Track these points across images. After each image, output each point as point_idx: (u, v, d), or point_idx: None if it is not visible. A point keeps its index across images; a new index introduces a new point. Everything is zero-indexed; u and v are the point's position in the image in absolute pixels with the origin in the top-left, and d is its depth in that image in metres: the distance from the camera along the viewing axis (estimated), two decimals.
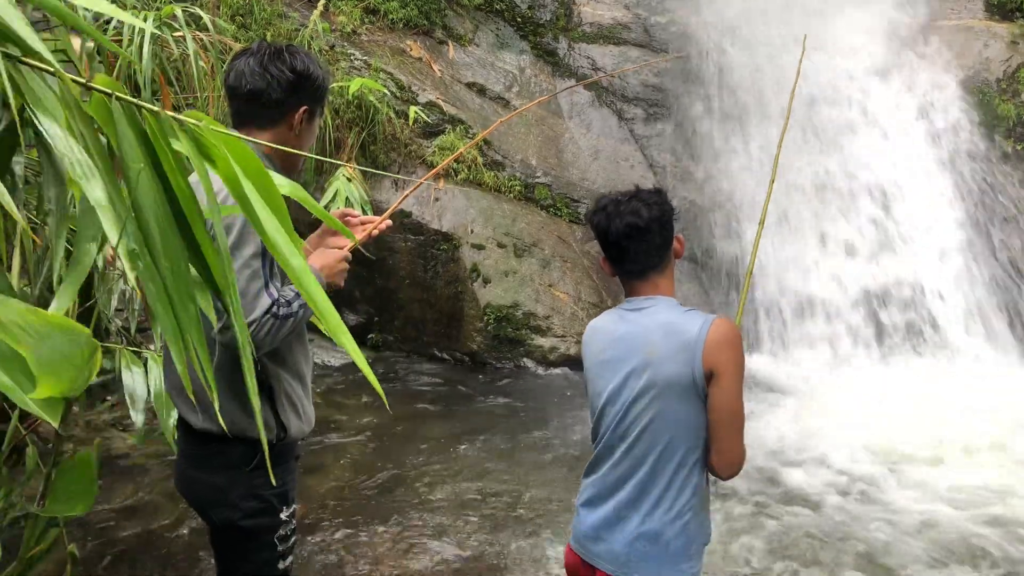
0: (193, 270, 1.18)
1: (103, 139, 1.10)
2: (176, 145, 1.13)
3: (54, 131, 1.06)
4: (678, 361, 2.13)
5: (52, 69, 1.05)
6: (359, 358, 1.23)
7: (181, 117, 1.11)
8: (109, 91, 1.07)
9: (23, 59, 1.06)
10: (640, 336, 2.20)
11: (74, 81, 1.08)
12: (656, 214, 2.23)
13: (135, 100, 1.07)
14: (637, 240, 2.22)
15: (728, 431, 2.15)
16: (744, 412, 2.17)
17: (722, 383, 2.11)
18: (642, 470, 2.19)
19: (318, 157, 1.82)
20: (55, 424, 1.10)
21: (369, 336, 7.49)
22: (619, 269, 2.29)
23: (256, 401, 1.21)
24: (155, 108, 1.08)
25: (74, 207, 1.23)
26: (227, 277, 1.18)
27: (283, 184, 1.29)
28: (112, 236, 1.06)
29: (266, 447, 1.35)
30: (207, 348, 1.23)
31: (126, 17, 1.16)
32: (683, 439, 2.16)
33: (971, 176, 8.41)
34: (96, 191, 1.04)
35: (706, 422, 2.16)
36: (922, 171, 8.36)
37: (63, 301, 1.07)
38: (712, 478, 2.28)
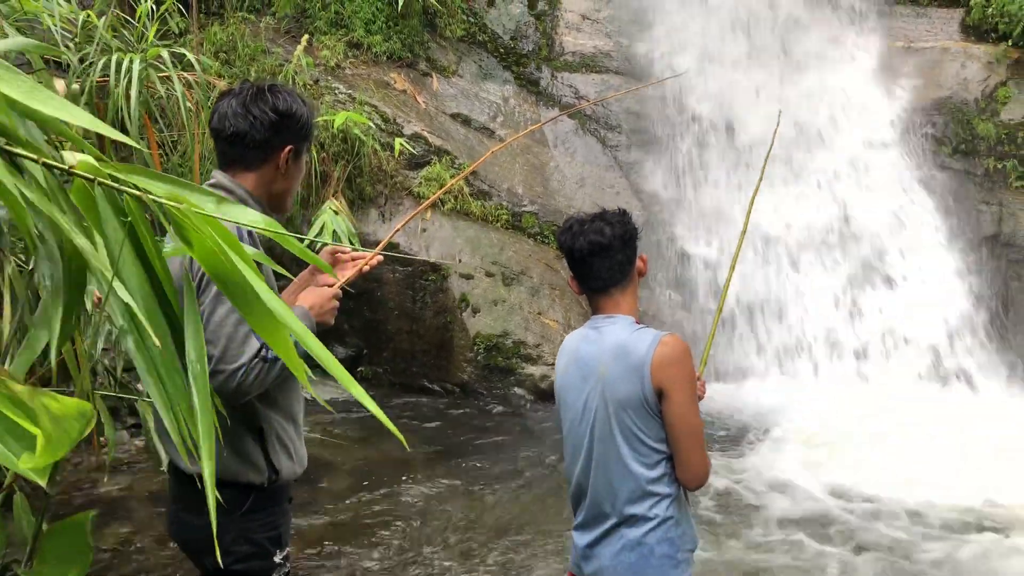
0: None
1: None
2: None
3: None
4: (629, 381, 2.23)
5: (36, 157, 1.06)
6: (365, 398, 1.23)
7: (162, 200, 1.11)
8: (91, 176, 1.07)
9: (7, 147, 1.06)
10: (595, 356, 2.31)
11: (56, 167, 1.09)
12: (619, 232, 2.34)
13: (116, 185, 1.07)
14: (600, 257, 2.32)
15: (687, 444, 2.24)
16: (700, 424, 2.26)
17: (673, 399, 2.21)
18: (615, 486, 2.27)
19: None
20: (43, 484, 1.09)
21: (359, 369, 7.45)
22: (584, 286, 2.39)
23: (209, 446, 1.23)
24: (136, 192, 1.08)
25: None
26: (200, 350, 1.20)
27: (259, 221, 1.28)
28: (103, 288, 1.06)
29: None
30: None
31: (107, 131, 1.17)
32: (647, 455, 2.25)
33: (952, 195, 8.49)
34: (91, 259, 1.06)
35: (666, 436, 2.25)
36: (902, 191, 8.43)
37: (18, 371, 1.09)
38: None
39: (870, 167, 8.54)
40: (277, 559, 2.27)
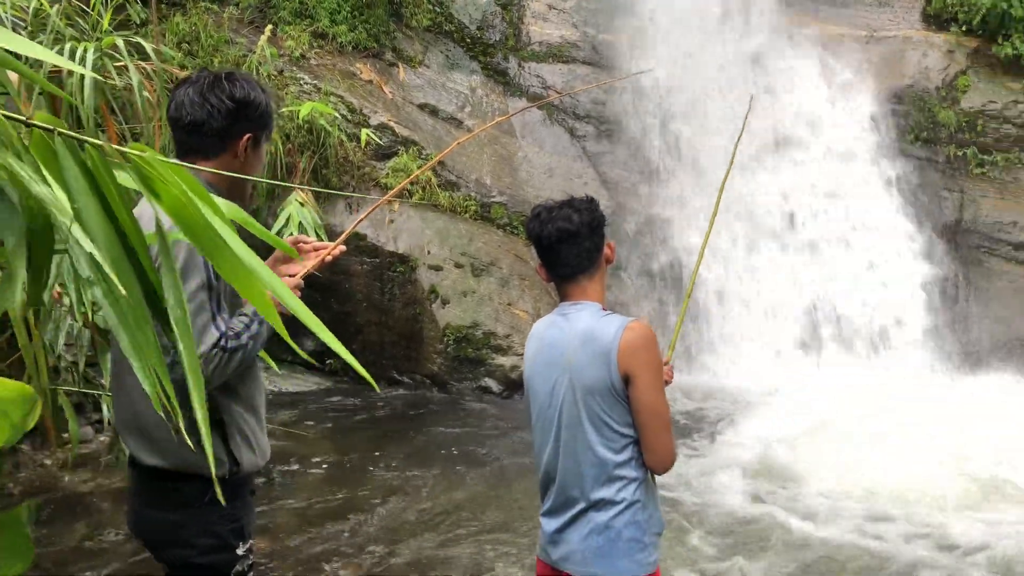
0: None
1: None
2: (120, 178, 1.11)
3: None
4: (596, 367, 2.25)
5: None
6: (336, 343, 1.21)
7: (125, 149, 1.08)
8: (51, 127, 1.05)
9: None
10: (562, 343, 2.32)
11: (14, 119, 1.06)
12: (587, 219, 2.35)
13: (78, 135, 1.04)
14: (568, 244, 2.33)
15: (653, 429, 2.26)
16: (666, 409, 2.28)
17: (639, 384, 2.23)
18: (583, 470, 2.29)
19: (268, 181, 1.80)
20: None
21: (327, 362, 7.41)
22: (552, 273, 2.41)
23: (207, 433, 1.19)
24: (98, 142, 1.06)
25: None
26: (182, 308, 1.16)
27: (223, 207, 1.27)
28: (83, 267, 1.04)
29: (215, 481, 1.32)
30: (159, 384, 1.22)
31: (61, 62, 1.13)
32: (614, 439, 2.27)
33: (914, 182, 8.60)
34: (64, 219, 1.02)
35: (633, 421, 2.27)
36: (863, 180, 8.53)
37: None
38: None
39: (832, 155, 8.63)
40: (240, 551, 2.25)
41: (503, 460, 5.68)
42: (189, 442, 1.28)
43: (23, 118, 1.08)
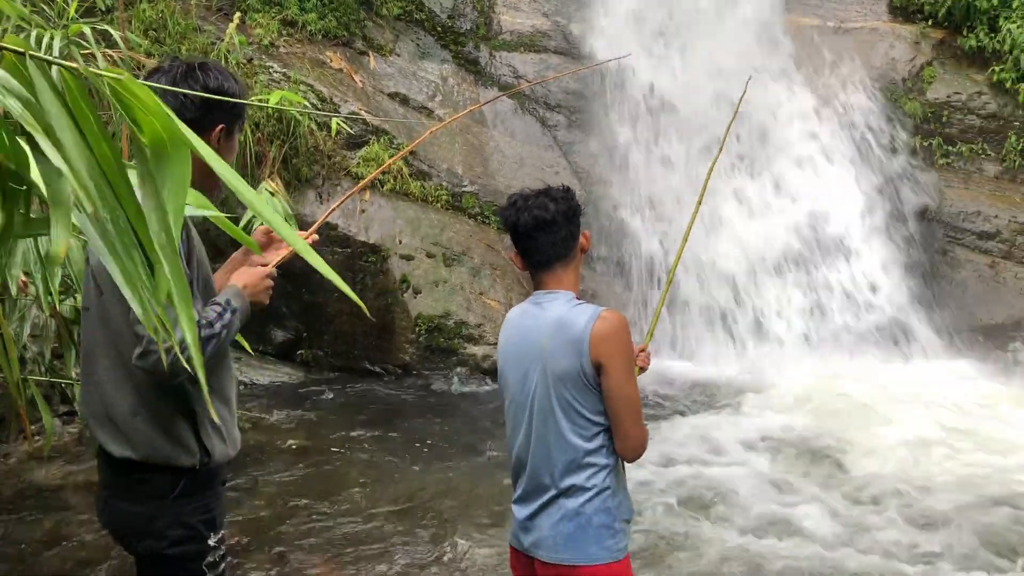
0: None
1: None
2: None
3: None
4: (568, 355, 2.26)
5: None
6: (317, 260, 1.22)
7: (101, 72, 1.07)
8: (21, 50, 1.03)
9: None
10: (535, 331, 2.34)
11: None
12: (563, 208, 2.36)
13: (53, 59, 1.03)
14: (544, 232, 2.35)
15: (624, 417, 2.28)
16: (637, 397, 2.30)
17: (610, 373, 2.25)
18: (554, 457, 2.32)
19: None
20: None
21: (299, 352, 7.38)
22: (527, 262, 2.42)
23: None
24: (72, 64, 1.05)
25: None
26: (167, 233, 1.15)
27: (192, 202, 1.26)
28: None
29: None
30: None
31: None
32: (585, 427, 2.29)
33: (882, 172, 8.71)
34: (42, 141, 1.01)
35: (604, 409, 2.29)
36: (833, 172, 8.63)
37: None
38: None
39: (799, 145, 8.72)
40: (211, 542, 2.24)
41: (476, 448, 5.70)
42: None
43: None
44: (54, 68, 1.05)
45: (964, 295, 8.26)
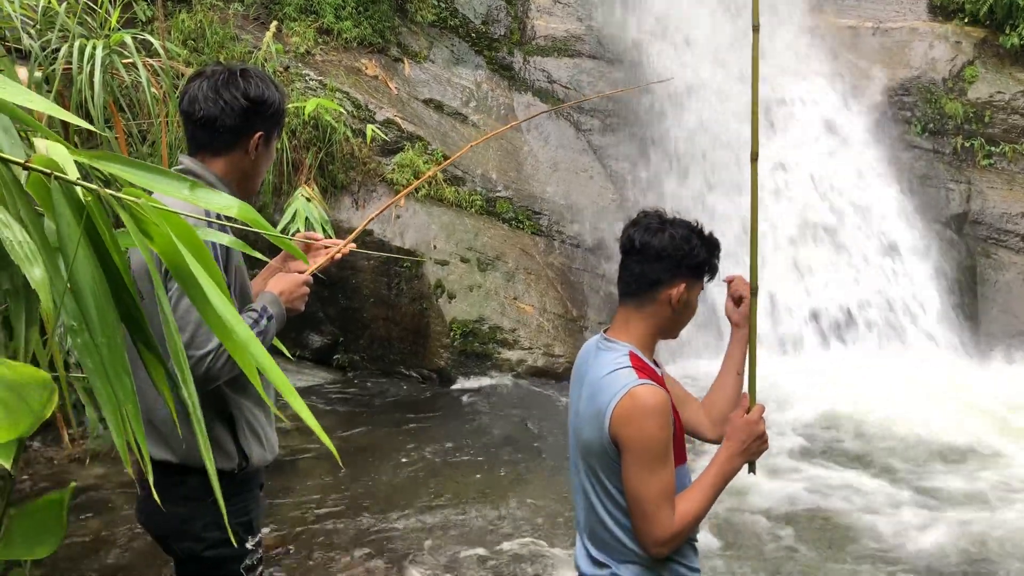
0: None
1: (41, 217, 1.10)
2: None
3: None
4: (591, 426, 2.04)
5: None
6: (307, 416, 1.23)
7: (120, 195, 1.10)
8: (48, 170, 1.06)
9: None
10: (580, 382, 2.15)
11: (13, 162, 1.08)
12: (654, 243, 2.07)
13: (74, 181, 1.06)
14: (626, 257, 2.13)
15: (633, 511, 2.00)
16: (651, 493, 1.96)
17: (624, 460, 1.99)
18: (581, 517, 2.16)
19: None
20: (7, 466, 1.08)
21: (335, 356, 7.44)
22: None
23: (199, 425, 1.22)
24: (92, 187, 1.08)
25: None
26: (175, 342, 1.19)
27: (232, 206, 1.29)
28: (51, 313, 1.06)
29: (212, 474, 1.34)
30: (167, 383, 1.24)
31: (64, 115, 1.16)
32: (614, 506, 2.05)
33: (921, 174, 8.58)
34: (36, 272, 1.05)
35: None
36: (872, 171, 8.51)
37: None
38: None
39: (840, 147, 8.62)
40: (249, 545, 2.27)
41: (512, 454, 5.69)
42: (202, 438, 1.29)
43: (22, 162, 1.10)
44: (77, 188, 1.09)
45: (1008, 298, 8.09)
